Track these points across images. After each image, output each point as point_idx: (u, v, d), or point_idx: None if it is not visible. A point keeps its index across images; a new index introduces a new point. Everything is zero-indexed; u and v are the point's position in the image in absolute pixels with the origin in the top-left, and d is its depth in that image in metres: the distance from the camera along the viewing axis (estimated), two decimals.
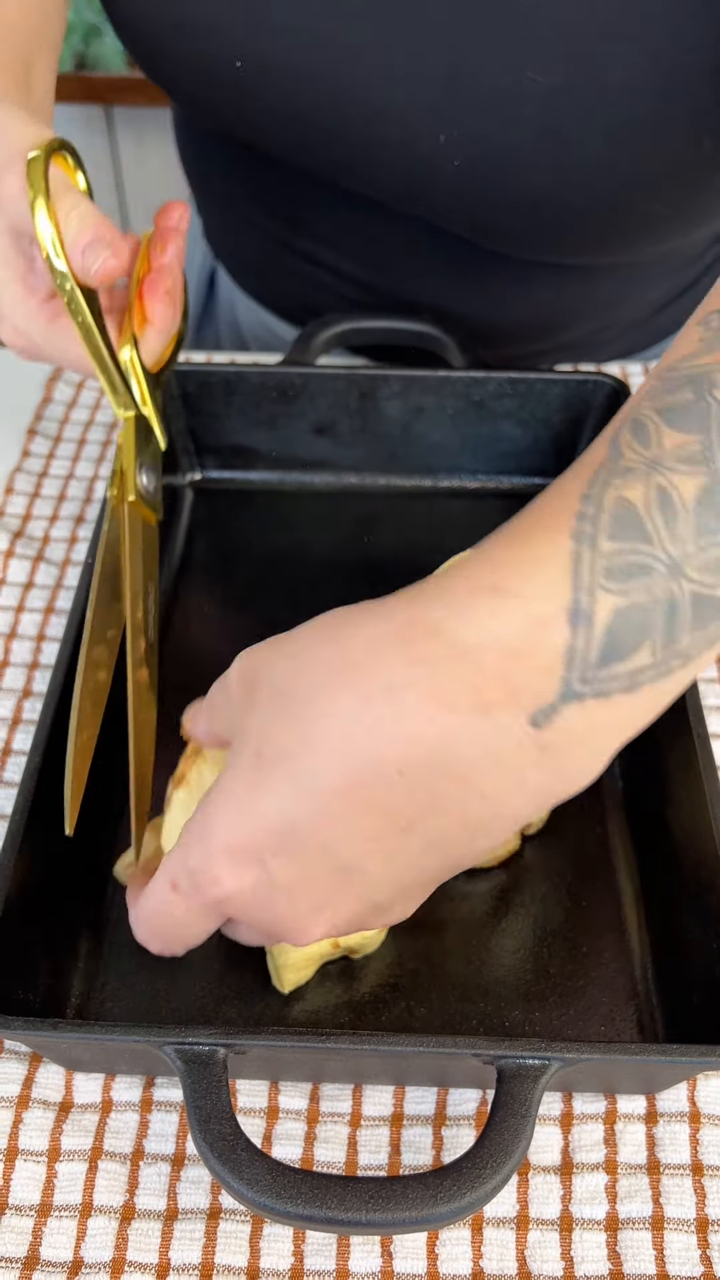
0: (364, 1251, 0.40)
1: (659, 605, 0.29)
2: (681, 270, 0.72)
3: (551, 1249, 0.40)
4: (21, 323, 0.48)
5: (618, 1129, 0.43)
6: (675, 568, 0.29)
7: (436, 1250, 0.40)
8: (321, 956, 0.45)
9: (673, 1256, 0.40)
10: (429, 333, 0.64)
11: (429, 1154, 0.42)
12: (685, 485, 0.30)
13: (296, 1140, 0.43)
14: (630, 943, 0.47)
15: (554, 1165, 0.42)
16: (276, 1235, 0.40)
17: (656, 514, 0.30)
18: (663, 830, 0.48)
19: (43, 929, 0.44)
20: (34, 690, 0.56)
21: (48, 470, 0.67)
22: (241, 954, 0.46)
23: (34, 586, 0.60)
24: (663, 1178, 0.42)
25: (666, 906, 0.47)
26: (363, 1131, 0.43)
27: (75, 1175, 0.42)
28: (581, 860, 0.50)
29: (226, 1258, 0.40)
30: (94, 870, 0.49)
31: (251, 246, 0.75)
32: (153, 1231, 0.41)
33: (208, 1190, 0.41)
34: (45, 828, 0.44)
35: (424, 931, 0.47)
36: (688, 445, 0.31)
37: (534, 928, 0.48)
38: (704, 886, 0.43)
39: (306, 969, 0.45)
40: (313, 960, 0.44)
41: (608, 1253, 0.40)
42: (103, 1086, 0.44)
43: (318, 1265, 0.40)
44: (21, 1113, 0.43)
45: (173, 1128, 0.43)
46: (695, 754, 0.45)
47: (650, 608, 0.29)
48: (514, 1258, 0.40)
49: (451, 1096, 0.44)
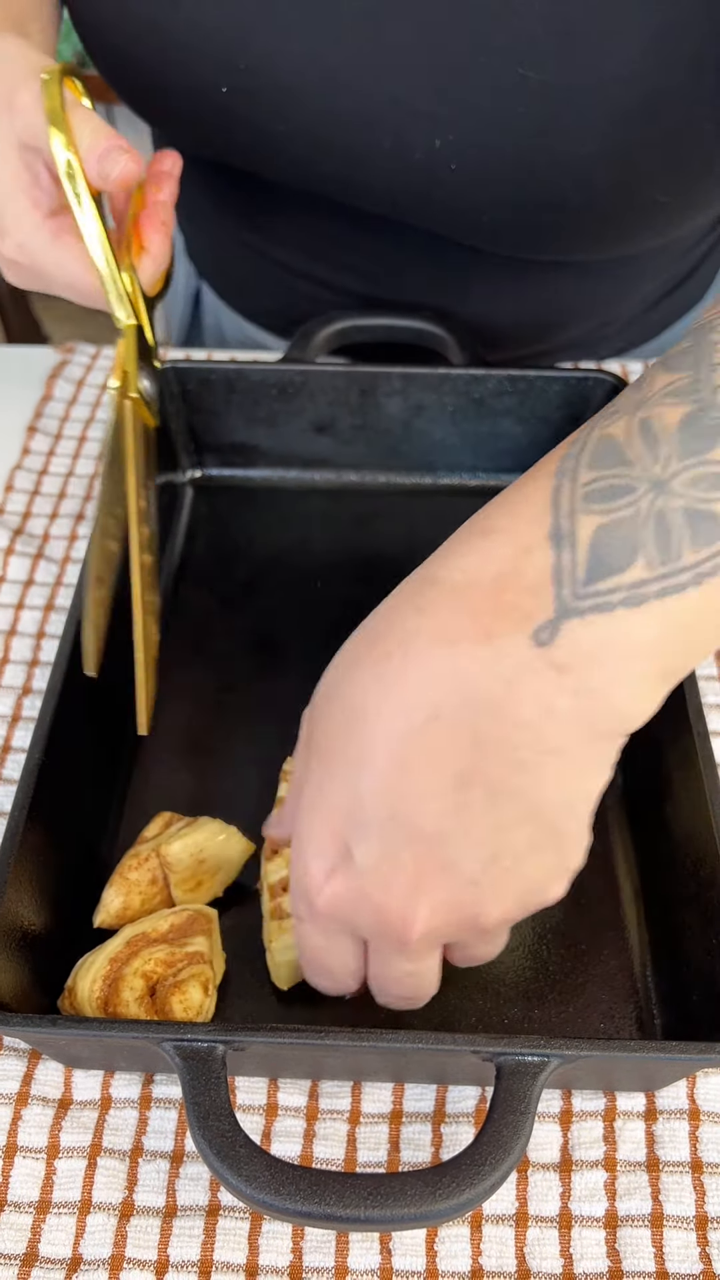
0: (363, 1249, 0.40)
1: (646, 520, 0.30)
2: (677, 262, 0.72)
3: (551, 1246, 0.40)
4: (26, 237, 0.49)
5: (617, 1126, 0.43)
6: (660, 485, 0.30)
7: (436, 1247, 0.40)
8: None
9: (672, 1254, 0.40)
10: (429, 330, 0.64)
11: (428, 1151, 0.42)
12: (669, 415, 0.31)
13: (295, 1137, 0.43)
14: (629, 940, 0.47)
15: (553, 1162, 0.42)
16: (275, 1232, 0.40)
17: (638, 441, 0.31)
18: (662, 828, 0.48)
19: (41, 925, 0.44)
20: (33, 688, 0.56)
21: (48, 468, 0.67)
22: (240, 952, 0.46)
23: (34, 584, 0.60)
24: (662, 1175, 0.42)
25: (666, 904, 0.47)
26: (362, 1128, 0.43)
27: (74, 1172, 0.42)
28: None
29: (225, 1254, 0.40)
30: (93, 866, 0.49)
31: (238, 263, 0.75)
32: (152, 1228, 0.41)
33: (207, 1187, 0.41)
34: (45, 824, 0.44)
35: None
36: (676, 382, 0.31)
37: (533, 925, 0.48)
38: (704, 884, 0.43)
39: None
40: None
41: (607, 1250, 0.40)
42: (102, 1083, 0.44)
43: (316, 1262, 0.40)
44: (20, 1109, 0.43)
45: (172, 1125, 0.43)
46: (695, 751, 0.45)
47: (635, 523, 0.30)
48: (513, 1255, 0.40)
49: (451, 1094, 0.44)
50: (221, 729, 0.55)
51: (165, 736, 0.54)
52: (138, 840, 0.48)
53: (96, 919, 0.46)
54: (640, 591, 0.30)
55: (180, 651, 0.57)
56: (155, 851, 0.47)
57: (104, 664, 0.48)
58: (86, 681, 0.49)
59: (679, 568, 0.30)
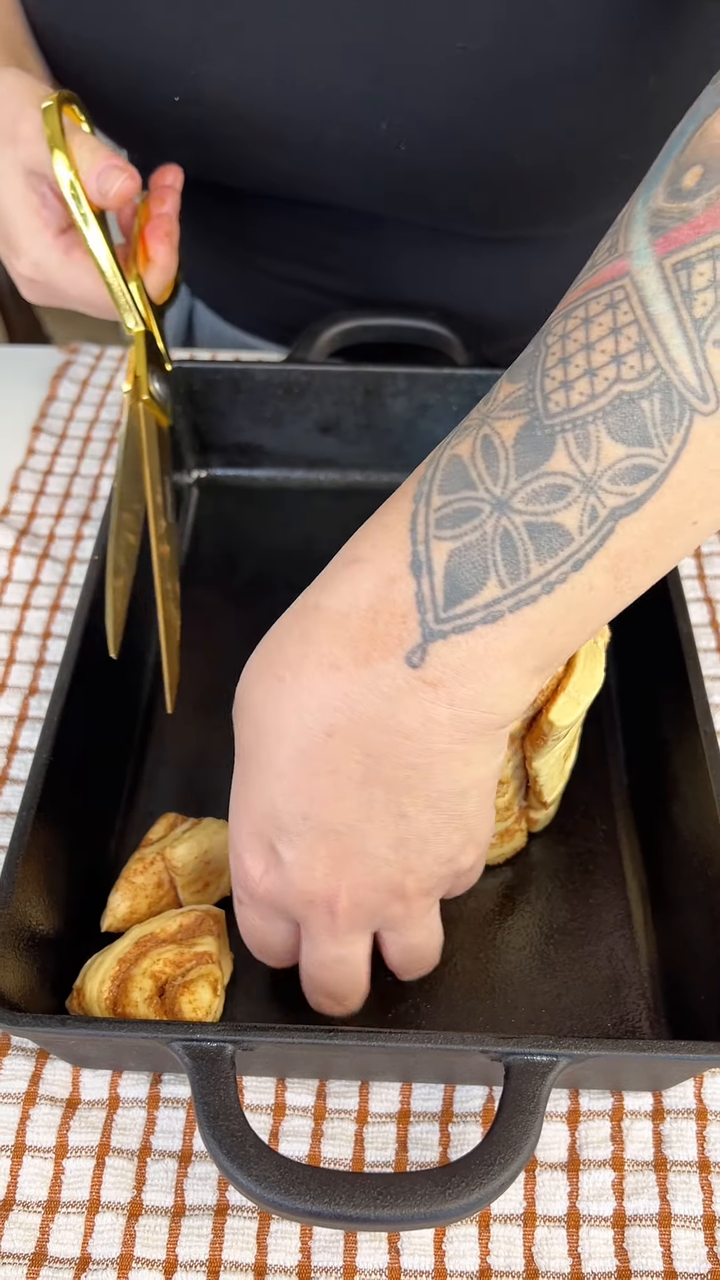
0: (371, 1248, 0.40)
1: (493, 541, 0.32)
2: None
3: (559, 1246, 0.40)
4: (40, 256, 0.51)
5: (625, 1126, 0.43)
6: (501, 504, 0.32)
7: (444, 1247, 0.40)
8: None
9: (680, 1253, 0.40)
10: (433, 330, 0.64)
11: (436, 1151, 0.42)
12: (506, 429, 0.32)
13: (303, 1137, 0.43)
14: (637, 940, 0.47)
15: (561, 1162, 0.42)
16: (284, 1232, 0.40)
17: (480, 460, 0.32)
18: (669, 827, 0.48)
19: (50, 925, 0.44)
20: (40, 688, 0.56)
21: (53, 468, 0.67)
22: (248, 951, 0.46)
23: (39, 584, 0.60)
24: (670, 1174, 0.42)
25: (673, 903, 0.47)
26: (370, 1128, 0.43)
27: (82, 1171, 0.42)
28: (588, 857, 0.50)
29: (234, 1254, 0.40)
30: (101, 866, 0.49)
31: (224, 274, 0.75)
32: (160, 1228, 0.41)
33: (215, 1187, 0.41)
34: (53, 824, 0.44)
35: None
36: (514, 393, 0.33)
37: (540, 925, 0.48)
38: (711, 883, 0.43)
39: None
40: None
41: (615, 1249, 0.40)
42: (109, 1083, 0.44)
43: (325, 1262, 0.40)
44: (29, 1109, 0.43)
45: (179, 1124, 0.43)
46: (702, 751, 0.45)
47: (484, 545, 0.32)
48: (521, 1254, 0.40)
49: (458, 1093, 0.44)
50: (227, 729, 0.55)
51: (172, 736, 0.54)
52: (143, 843, 0.48)
53: (104, 923, 0.46)
54: (495, 609, 0.32)
55: (185, 651, 0.57)
56: (160, 855, 0.47)
57: (113, 661, 0.49)
58: (94, 682, 0.49)
59: (529, 581, 0.32)
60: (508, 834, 0.48)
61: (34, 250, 0.52)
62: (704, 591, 0.60)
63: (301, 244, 0.69)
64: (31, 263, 0.52)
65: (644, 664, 0.53)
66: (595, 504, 0.31)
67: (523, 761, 0.45)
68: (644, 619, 0.53)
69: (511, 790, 0.46)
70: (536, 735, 0.43)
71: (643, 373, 0.31)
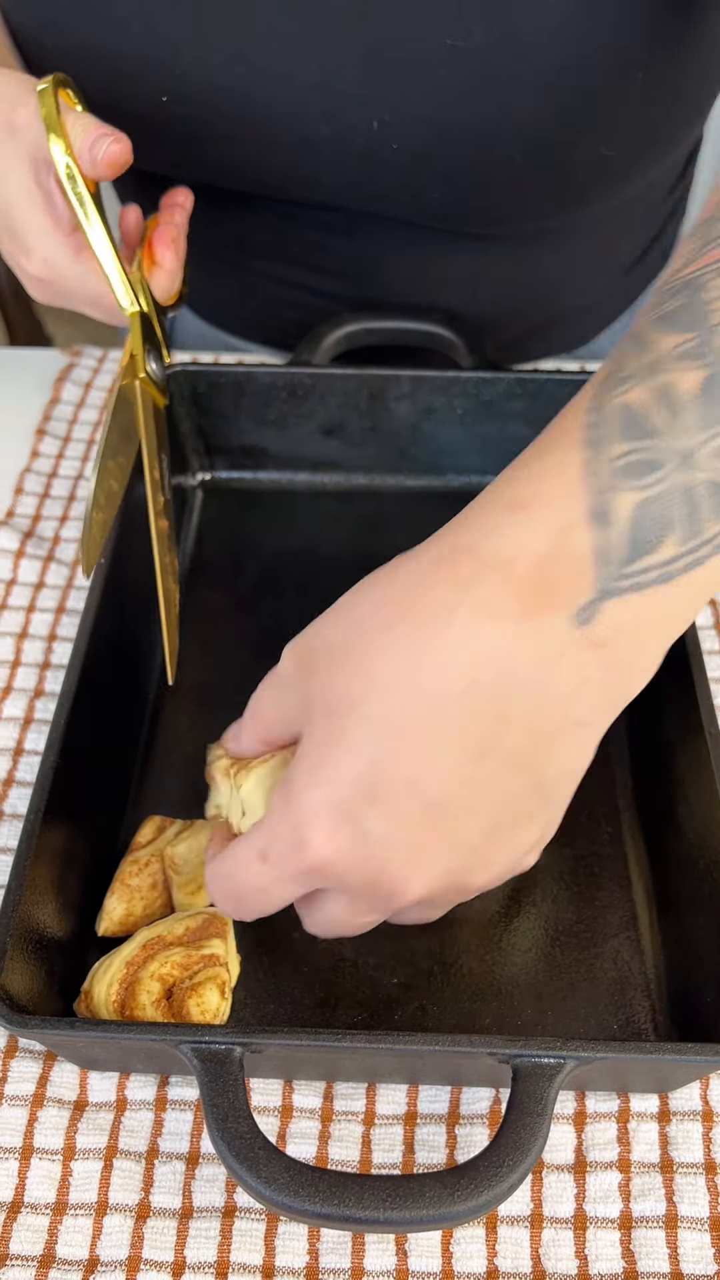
0: (379, 1250, 0.40)
1: (676, 496, 0.30)
2: (645, 225, 0.73)
3: (566, 1247, 0.40)
4: (50, 253, 0.51)
5: (631, 1127, 0.43)
6: (686, 458, 0.30)
7: (451, 1248, 0.40)
8: None
9: (686, 1255, 0.40)
10: (437, 333, 0.64)
11: (443, 1152, 0.43)
12: (685, 381, 0.31)
13: (310, 1139, 0.43)
14: (643, 942, 0.47)
15: (568, 1164, 0.42)
16: (291, 1234, 0.41)
17: (662, 410, 0.31)
18: (675, 829, 0.48)
19: (58, 928, 0.44)
20: (46, 690, 0.56)
21: (57, 470, 0.67)
22: (253, 954, 0.46)
23: (45, 586, 0.61)
24: (676, 1176, 0.42)
25: (679, 905, 0.47)
26: (376, 1130, 0.43)
27: (90, 1174, 0.42)
28: (593, 860, 0.50)
29: (242, 1256, 0.40)
30: (108, 869, 0.49)
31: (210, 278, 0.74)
32: (168, 1230, 0.41)
33: (223, 1189, 0.42)
34: (60, 827, 0.44)
35: (437, 931, 0.47)
36: (684, 344, 0.32)
37: (546, 927, 0.48)
38: (717, 885, 0.43)
39: None
40: None
41: (622, 1251, 0.40)
42: (117, 1085, 0.44)
43: (333, 1264, 0.40)
44: (37, 1111, 0.43)
45: (187, 1126, 0.43)
46: (708, 753, 0.45)
47: (668, 500, 0.30)
48: (528, 1256, 0.40)
49: (465, 1095, 0.44)
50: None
51: (176, 737, 0.54)
52: (132, 846, 0.48)
53: (100, 927, 0.46)
54: (671, 569, 0.30)
55: (190, 653, 0.58)
56: (156, 856, 0.47)
57: (112, 662, 0.49)
58: (99, 684, 0.49)
59: (703, 540, 0.30)
60: None
61: (43, 248, 0.51)
62: None
63: (294, 245, 0.69)
64: (41, 261, 0.51)
65: None
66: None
67: None
68: None
69: None
70: None
71: None
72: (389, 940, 0.47)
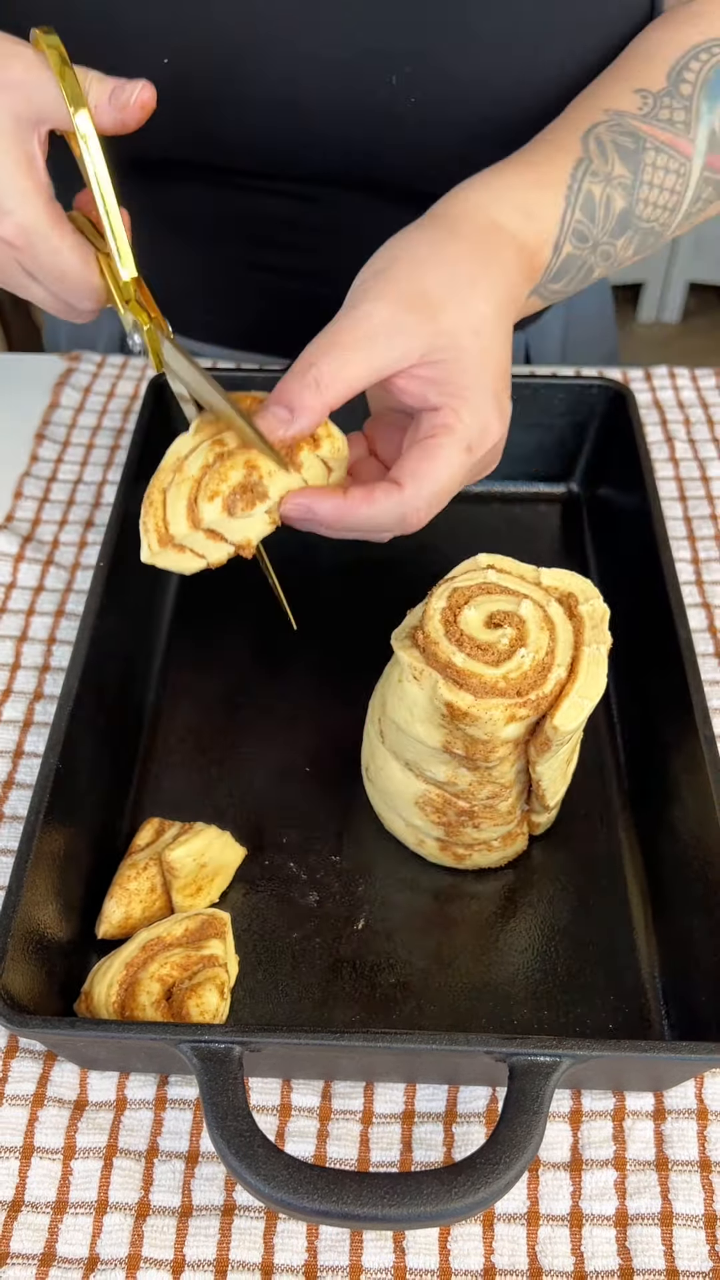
0: (377, 1247, 0.41)
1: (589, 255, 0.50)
2: None
3: (562, 1244, 0.41)
4: (28, 218, 0.47)
5: (626, 1126, 0.43)
6: (597, 245, 0.50)
7: (449, 1246, 0.41)
8: None
9: (681, 1251, 0.41)
10: None
11: (440, 1151, 0.43)
12: (618, 201, 0.50)
13: (309, 1137, 0.43)
14: (637, 942, 0.48)
15: (564, 1162, 0.43)
16: (290, 1231, 0.41)
17: (600, 211, 0.49)
18: (669, 831, 0.48)
19: (58, 929, 0.44)
20: (45, 693, 0.57)
21: (56, 475, 0.67)
22: (250, 953, 0.47)
23: (44, 590, 0.61)
24: (671, 1174, 0.42)
25: (673, 906, 0.47)
26: (374, 1129, 0.43)
27: (91, 1172, 0.42)
28: (589, 861, 0.50)
29: (241, 1254, 0.40)
30: (108, 870, 0.49)
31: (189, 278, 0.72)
32: (168, 1228, 0.41)
33: (222, 1187, 0.42)
34: (61, 829, 0.45)
35: (434, 931, 0.48)
36: (624, 178, 0.50)
37: (542, 927, 0.48)
38: (712, 886, 0.43)
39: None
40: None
41: (617, 1248, 0.41)
42: (117, 1085, 0.44)
43: (331, 1261, 0.40)
44: (37, 1111, 0.43)
45: (187, 1125, 0.43)
46: (702, 755, 0.45)
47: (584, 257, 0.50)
48: (525, 1253, 0.41)
49: (462, 1094, 0.44)
50: (227, 734, 0.55)
51: (171, 741, 0.55)
52: (130, 849, 0.48)
53: (99, 930, 0.47)
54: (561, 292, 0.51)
55: (184, 658, 0.58)
56: (154, 859, 0.47)
57: (111, 665, 0.49)
58: (98, 688, 0.50)
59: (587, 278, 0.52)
60: (510, 837, 0.49)
61: (22, 211, 0.47)
62: (702, 597, 0.61)
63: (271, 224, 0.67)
64: (16, 224, 0.47)
65: (644, 669, 0.54)
66: None
67: (526, 766, 0.45)
68: (643, 625, 0.53)
69: (514, 795, 0.46)
70: (541, 741, 0.43)
71: None
72: (386, 940, 0.47)
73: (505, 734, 0.42)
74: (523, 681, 0.42)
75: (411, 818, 0.49)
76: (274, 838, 0.51)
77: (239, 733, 0.55)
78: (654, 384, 0.73)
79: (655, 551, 0.54)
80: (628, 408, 0.61)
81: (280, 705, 0.56)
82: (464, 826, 0.47)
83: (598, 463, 0.65)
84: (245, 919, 0.48)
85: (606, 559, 0.62)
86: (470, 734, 0.42)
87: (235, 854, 0.49)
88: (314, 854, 0.50)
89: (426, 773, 0.46)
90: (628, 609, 0.58)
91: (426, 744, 0.44)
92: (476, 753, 0.43)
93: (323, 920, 0.48)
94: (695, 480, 0.67)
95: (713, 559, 0.63)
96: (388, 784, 0.49)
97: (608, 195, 0.49)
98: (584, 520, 0.65)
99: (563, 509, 0.66)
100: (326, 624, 0.57)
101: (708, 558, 0.63)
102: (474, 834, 0.48)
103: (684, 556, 0.63)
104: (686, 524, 0.65)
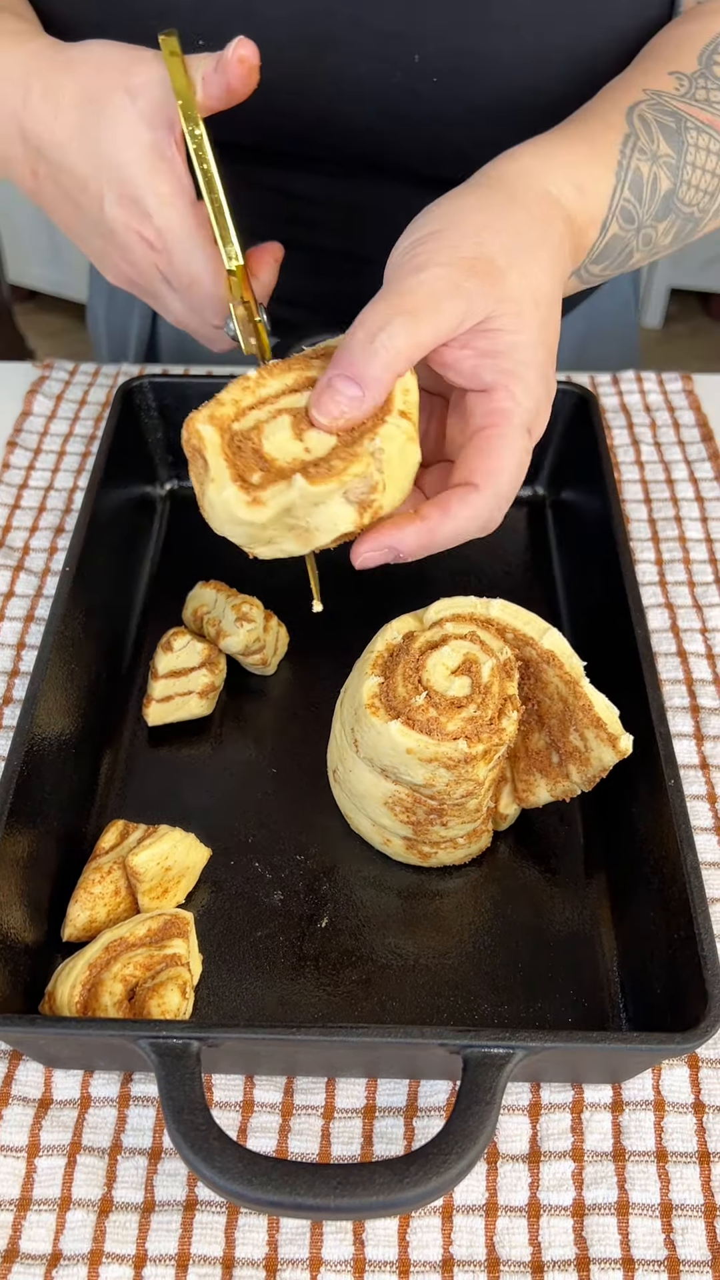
0: (336, 1240, 0.41)
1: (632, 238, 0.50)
2: None
3: (520, 1235, 0.41)
4: (171, 221, 0.48)
5: (585, 1118, 0.44)
6: (641, 227, 0.50)
7: (408, 1237, 0.41)
8: None
9: (637, 1241, 0.41)
10: None
11: (400, 1144, 0.43)
12: (663, 181, 0.50)
13: (271, 1133, 0.43)
14: (599, 936, 0.48)
15: (522, 1154, 0.43)
16: (251, 1225, 0.41)
17: (647, 190, 0.49)
18: (628, 828, 0.49)
19: (23, 931, 0.45)
20: (15, 698, 0.57)
21: (28, 482, 0.68)
22: (214, 952, 0.47)
23: (14, 595, 0.61)
24: (628, 1164, 0.43)
25: (632, 900, 0.48)
26: (336, 1123, 0.44)
27: (54, 1170, 0.43)
28: (551, 857, 0.51)
29: (202, 1248, 0.41)
30: (74, 873, 0.49)
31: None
32: (130, 1223, 0.41)
33: (184, 1183, 0.42)
34: (25, 831, 0.45)
35: (398, 928, 0.48)
36: (669, 157, 0.50)
37: (505, 923, 0.49)
38: (665, 880, 0.44)
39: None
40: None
41: (574, 1238, 0.41)
42: (81, 1083, 0.45)
43: (291, 1254, 0.41)
44: (1, 1109, 0.44)
45: (149, 1122, 0.44)
46: (657, 752, 0.46)
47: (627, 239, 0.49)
48: (483, 1244, 0.41)
49: (422, 1088, 0.45)
50: (194, 736, 0.56)
51: (138, 743, 0.55)
52: (95, 852, 0.49)
53: (64, 933, 0.47)
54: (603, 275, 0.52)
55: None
56: (118, 863, 0.47)
57: (85, 672, 0.49)
58: (66, 692, 0.50)
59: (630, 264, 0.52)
60: (475, 834, 0.49)
61: (164, 214, 0.48)
62: (665, 598, 0.61)
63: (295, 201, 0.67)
64: (157, 228, 0.48)
65: (604, 668, 0.54)
66: None
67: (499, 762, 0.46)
68: (604, 626, 0.54)
69: (485, 790, 0.47)
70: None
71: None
72: (350, 938, 0.48)
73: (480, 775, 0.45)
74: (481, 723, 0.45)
75: (379, 817, 0.49)
76: (240, 838, 0.51)
77: (205, 735, 0.56)
78: (621, 388, 0.74)
79: (616, 553, 0.54)
80: (591, 411, 0.62)
81: (246, 707, 0.57)
82: (432, 825, 0.48)
83: (563, 466, 0.66)
84: (210, 918, 0.49)
85: (571, 561, 0.63)
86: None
87: (200, 855, 0.50)
88: (279, 854, 0.51)
89: (404, 778, 0.46)
90: (590, 609, 0.59)
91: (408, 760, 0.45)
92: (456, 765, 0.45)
93: (287, 919, 0.49)
94: (660, 483, 0.68)
95: (676, 560, 0.63)
96: (356, 786, 0.49)
97: (654, 174, 0.49)
98: (549, 523, 0.66)
99: (529, 511, 0.67)
100: (306, 634, 0.58)
101: (671, 559, 0.63)
102: (441, 831, 0.48)
103: (648, 558, 0.63)
104: (651, 525, 0.65)
